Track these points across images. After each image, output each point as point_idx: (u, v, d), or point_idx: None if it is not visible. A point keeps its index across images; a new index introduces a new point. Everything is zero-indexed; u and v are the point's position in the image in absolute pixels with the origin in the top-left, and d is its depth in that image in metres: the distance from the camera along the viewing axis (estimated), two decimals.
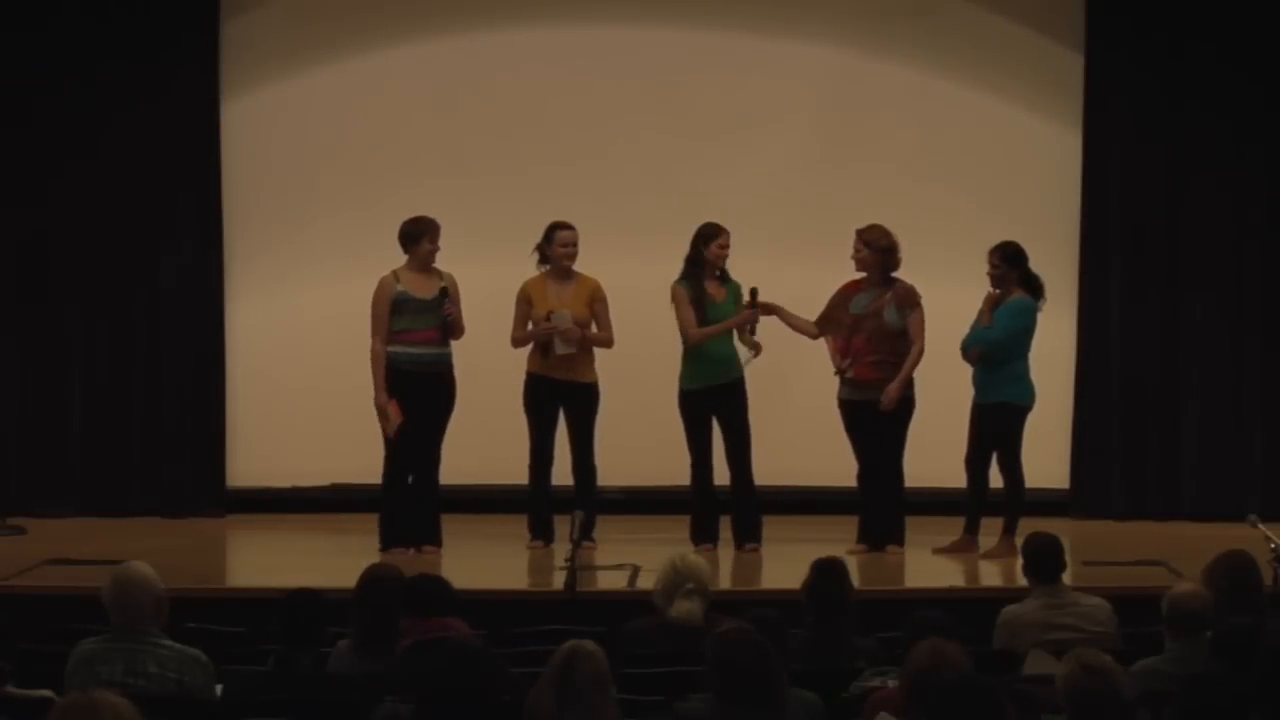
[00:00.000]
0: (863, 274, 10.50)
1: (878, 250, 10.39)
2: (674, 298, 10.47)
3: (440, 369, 10.34)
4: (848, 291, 10.51)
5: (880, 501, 10.44)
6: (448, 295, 10.31)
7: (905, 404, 10.38)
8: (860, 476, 10.53)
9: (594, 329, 10.54)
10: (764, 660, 5.59)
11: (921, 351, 10.38)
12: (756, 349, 10.39)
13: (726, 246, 10.43)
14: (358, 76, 12.25)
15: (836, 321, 10.47)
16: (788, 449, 10.88)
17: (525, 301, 10.55)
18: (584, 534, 9.43)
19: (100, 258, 12.02)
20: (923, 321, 10.41)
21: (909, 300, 10.43)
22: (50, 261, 12.05)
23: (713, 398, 10.44)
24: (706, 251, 10.42)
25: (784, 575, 8.80)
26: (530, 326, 10.53)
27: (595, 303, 10.55)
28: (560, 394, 10.52)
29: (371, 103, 12.25)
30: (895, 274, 10.47)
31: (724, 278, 10.49)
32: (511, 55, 12.22)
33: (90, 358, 12.07)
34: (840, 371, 10.45)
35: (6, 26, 11.94)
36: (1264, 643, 5.84)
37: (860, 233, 10.45)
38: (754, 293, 10.36)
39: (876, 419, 10.34)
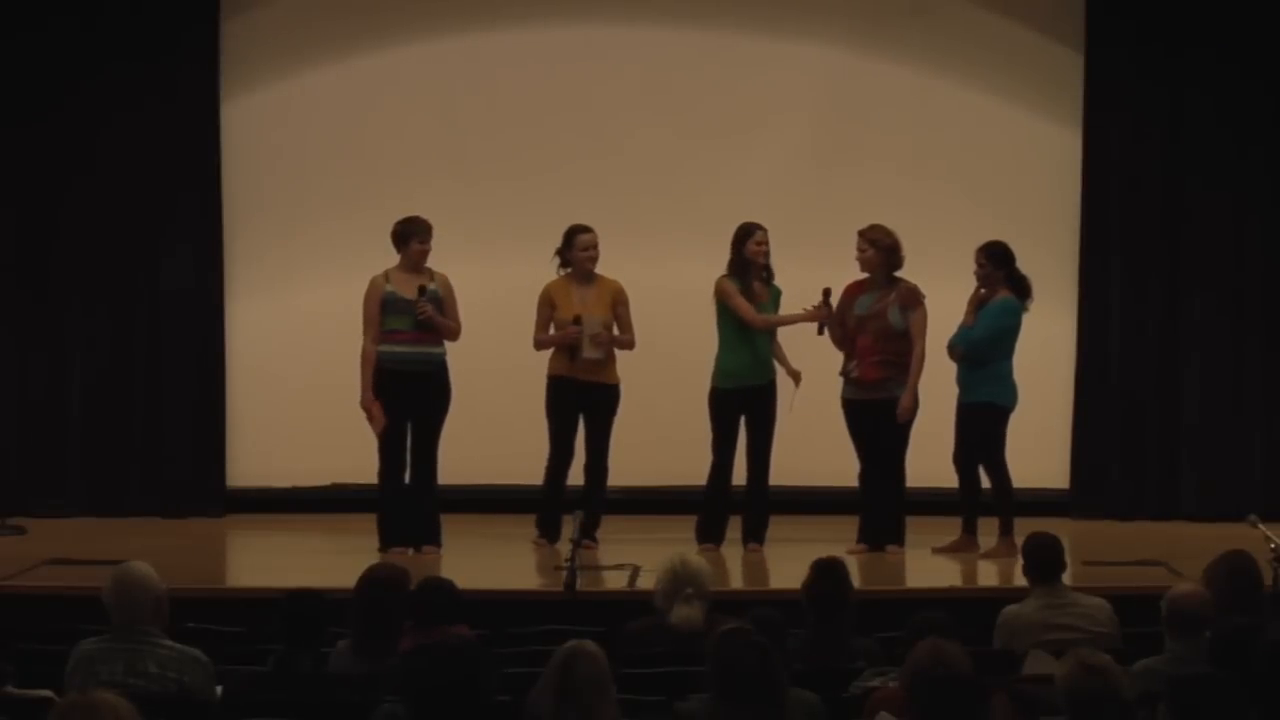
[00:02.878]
0: (865, 274, 10.50)
1: (883, 249, 10.40)
2: (724, 292, 10.44)
3: (430, 368, 10.32)
4: (851, 292, 10.51)
5: (881, 501, 10.44)
6: (424, 293, 10.27)
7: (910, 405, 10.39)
8: (862, 476, 10.53)
9: (615, 331, 10.55)
10: (764, 661, 5.59)
11: (923, 353, 10.38)
12: (796, 378, 10.40)
13: (764, 244, 10.44)
14: (358, 76, 12.25)
15: (845, 324, 10.47)
16: (788, 449, 10.87)
17: (548, 304, 10.53)
18: (585, 534, 9.42)
19: (101, 258, 12.02)
20: (924, 322, 10.42)
21: (912, 300, 10.44)
22: (51, 261, 12.05)
23: (745, 398, 10.45)
24: (745, 250, 10.43)
25: (786, 575, 8.81)
26: (553, 329, 10.52)
27: (617, 305, 10.55)
28: (585, 396, 10.52)
29: (372, 102, 12.25)
30: (898, 274, 10.48)
31: (768, 280, 10.48)
32: (511, 55, 12.22)
33: (91, 358, 12.07)
34: (845, 372, 10.45)
35: (7, 26, 11.94)
36: (1263, 643, 5.82)
37: (864, 233, 10.44)
38: (826, 293, 10.36)
39: (881, 419, 10.34)
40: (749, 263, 10.43)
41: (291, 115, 12.28)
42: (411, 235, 10.33)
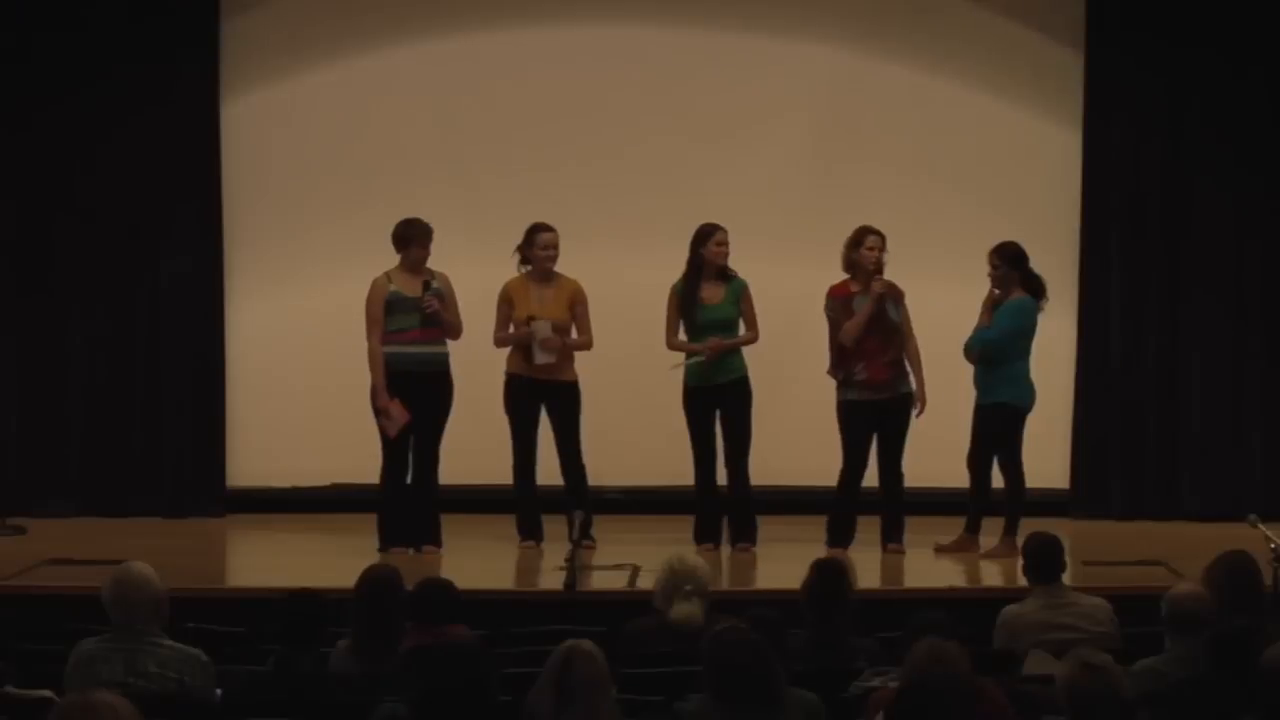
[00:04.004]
0: (846, 275, 10.45)
1: (885, 250, 10.41)
2: (667, 300, 10.49)
3: (435, 368, 10.34)
4: (843, 295, 10.45)
5: (886, 502, 10.43)
6: (430, 289, 10.30)
7: (917, 403, 10.39)
8: (850, 477, 10.45)
9: (574, 331, 10.54)
10: (760, 659, 5.60)
11: (917, 346, 10.38)
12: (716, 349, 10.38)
13: (724, 244, 10.44)
14: (358, 77, 12.25)
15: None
16: (786, 449, 10.87)
17: (507, 302, 10.56)
18: (582, 534, 9.43)
19: (101, 258, 12.02)
20: (909, 315, 10.42)
21: (898, 294, 10.44)
22: (51, 262, 12.05)
23: (715, 396, 10.44)
24: (705, 251, 10.45)
25: (780, 575, 8.80)
26: (511, 328, 10.54)
27: (575, 305, 10.56)
28: (541, 393, 10.53)
29: (372, 103, 12.24)
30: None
31: (728, 276, 10.49)
32: (511, 55, 12.22)
33: (90, 358, 12.07)
34: (849, 375, 10.38)
35: (6, 27, 11.94)
36: (1263, 645, 5.81)
37: (877, 230, 10.39)
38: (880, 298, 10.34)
39: (889, 418, 10.34)
40: (707, 264, 10.44)
41: (291, 115, 12.28)
42: (413, 239, 10.34)
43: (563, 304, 10.52)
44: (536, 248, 10.51)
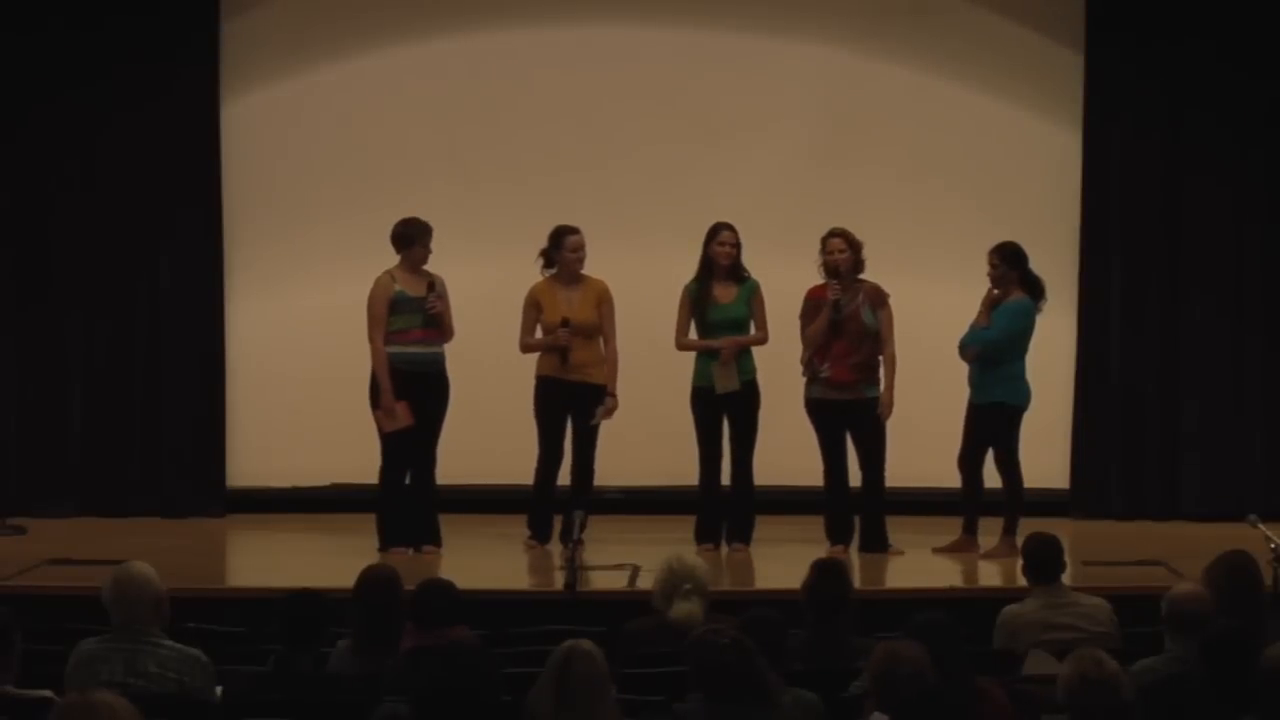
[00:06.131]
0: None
1: (856, 249, 10.39)
2: (680, 300, 10.49)
3: (435, 368, 10.35)
4: (814, 298, 10.44)
5: (868, 506, 10.41)
6: (434, 290, 10.30)
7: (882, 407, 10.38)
8: (830, 476, 10.46)
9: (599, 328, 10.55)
10: (742, 658, 5.60)
11: (894, 352, 10.34)
12: (729, 381, 10.37)
13: (726, 244, 10.44)
14: (358, 76, 12.25)
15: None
16: (787, 449, 10.86)
17: (534, 307, 10.54)
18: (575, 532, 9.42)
19: (100, 258, 12.02)
20: (892, 319, 10.39)
21: (879, 299, 10.42)
22: (50, 262, 12.05)
23: (724, 397, 10.44)
24: (709, 250, 10.45)
25: (780, 575, 8.81)
26: (540, 332, 10.52)
27: (602, 304, 10.56)
28: (573, 396, 10.53)
29: (372, 103, 12.24)
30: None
31: (740, 277, 10.48)
32: (512, 56, 12.22)
33: (90, 358, 12.07)
34: (814, 372, 10.38)
35: (5, 27, 11.94)
36: (1261, 645, 5.80)
37: (842, 234, 10.38)
38: (836, 296, 10.29)
39: (854, 419, 10.32)
40: (713, 264, 10.45)
41: (291, 115, 12.28)
42: (415, 238, 10.34)
43: (590, 305, 10.52)
44: (565, 250, 10.50)
